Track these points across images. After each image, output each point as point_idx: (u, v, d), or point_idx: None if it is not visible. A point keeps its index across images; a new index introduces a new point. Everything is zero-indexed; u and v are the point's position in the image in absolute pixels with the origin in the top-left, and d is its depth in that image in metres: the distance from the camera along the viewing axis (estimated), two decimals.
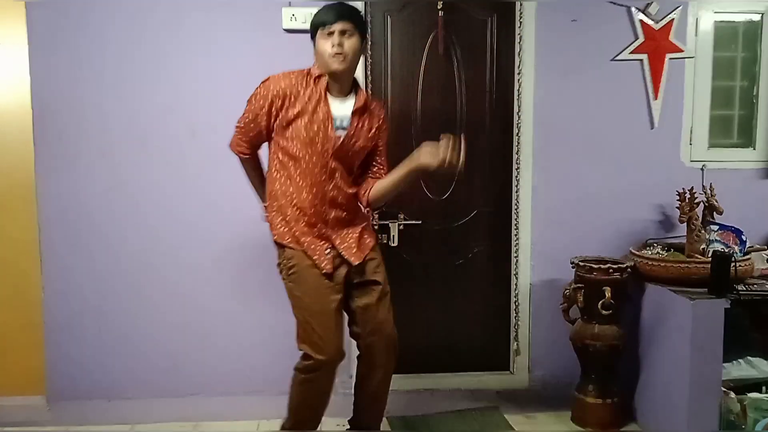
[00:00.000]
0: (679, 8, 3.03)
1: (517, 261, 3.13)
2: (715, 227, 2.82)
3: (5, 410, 2.91)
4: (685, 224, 2.80)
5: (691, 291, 2.58)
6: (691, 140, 3.12)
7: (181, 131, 2.89)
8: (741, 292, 2.55)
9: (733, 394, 2.58)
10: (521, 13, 3.01)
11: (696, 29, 3.07)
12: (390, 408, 3.01)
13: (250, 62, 2.82)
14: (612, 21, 3.02)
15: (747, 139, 3.21)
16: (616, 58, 3.04)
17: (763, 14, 3.14)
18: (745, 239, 2.76)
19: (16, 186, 2.89)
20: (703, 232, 2.79)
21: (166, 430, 2.84)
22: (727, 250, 2.71)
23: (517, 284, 3.14)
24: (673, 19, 3.03)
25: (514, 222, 3.12)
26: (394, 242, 3.08)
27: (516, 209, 3.11)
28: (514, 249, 3.13)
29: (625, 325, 2.84)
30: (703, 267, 2.61)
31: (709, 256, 2.64)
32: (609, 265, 2.76)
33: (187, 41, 2.85)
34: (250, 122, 2.28)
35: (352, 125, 2.26)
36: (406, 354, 3.14)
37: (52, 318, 2.92)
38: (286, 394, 2.61)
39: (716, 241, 2.79)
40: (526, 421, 2.97)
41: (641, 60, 3.04)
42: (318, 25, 2.22)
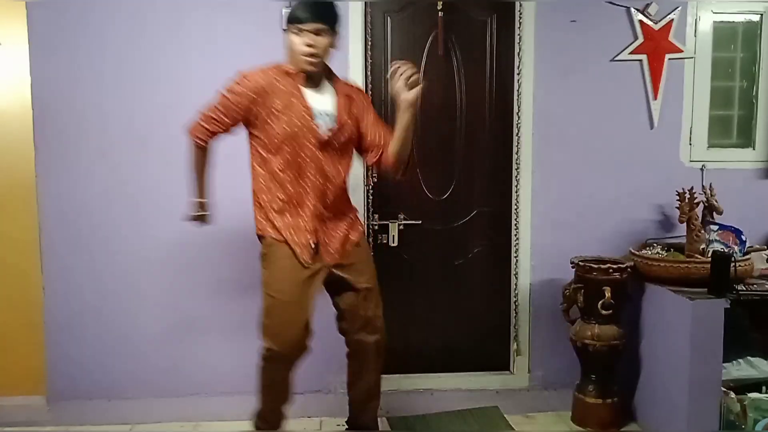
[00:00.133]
0: (679, 9, 3.04)
1: (517, 261, 3.13)
2: (715, 227, 2.82)
3: (5, 410, 2.91)
4: (685, 224, 2.80)
5: (691, 291, 2.58)
6: (690, 140, 3.13)
7: (181, 131, 2.89)
8: (741, 292, 2.55)
9: (733, 394, 2.58)
10: (521, 13, 3.02)
11: (695, 29, 3.08)
12: (390, 408, 3.02)
13: (250, 62, 2.80)
14: (611, 21, 3.03)
15: (746, 139, 3.22)
16: (616, 59, 3.05)
17: (762, 14, 3.15)
18: (744, 239, 2.76)
19: (16, 186, 2.90)
20: (702, 232, 2.79)
21: (166, 430, 2.84)
22: (726, 250, 2.71)
23: (517, 284, 3.14)
24: (673, 19, 3.03)
25: (514, 222, 3.12)
26: (394, 242, 3.09)
27: (516, 209, 3.11)
28: (514, 249, 3.14)
29: (625, 325, 2.84)
30: (703, 267, 2.61)
31: (709, 256, 2.64)
32: (609, 265, 2.76)
33: (187, 41, 2.85)
34: (224, 115, 2.26)
35: (340, 116, 2.26)
36: (406, 354, 3.17)
37: (52, 318, 2.92)
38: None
39: (716, 241, 2.79)
40: (526, 421, 2.97)
41: (641, 60, 3.05)
42: (293, 20, 2.21)
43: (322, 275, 2.30)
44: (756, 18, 3.16)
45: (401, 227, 3.10)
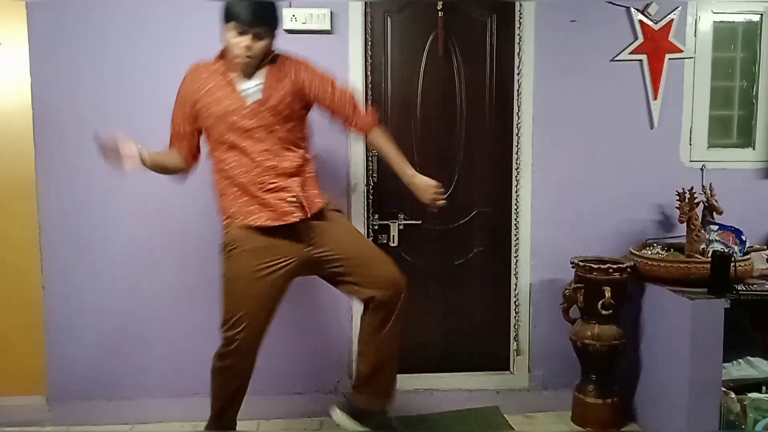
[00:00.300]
0: (679, 9, 3.03)
1: (517, 261, 3.13)
2: (715, 227, 2.82)
3: (5, 410, 2.91)
4: (685, 224, 2.81)
5: (691, 291, 2.59)
6: (690, 140, 3.12)
7: None
8: (741, 292, 2.55)
9: (733, 394, 2.58)
10: (521, 13, 3.02)
11: (695, 29, 3.08)
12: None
13: None
14: (611, 21, 3.03)
15: (746, 139, 3.22)
16: (616, 59, 3.05)
17: (762, 14, 3.15)
18: (744, 239, 2.77)
19: (16, 186, 2.90)
20: (702, 232, 2.79)
21: (166, 430, 2.84)
22: (726, 250, 2.71)
23: (517, 284, 3.14)
24: (673, 19, 3.03)
25: (514, 222, 3.12)
26: (394, 242, 3.09)
27: (516, 209, 3.11)
28: (514, 249, 3.14)
29: (625, 325, 2.84)
30: (703, 267, 2.61)
31: (709, 256, 2.64)
32: (609, 265, 2.76)
33: (187, 41, 2.85)
34: (179, 127, 2.36)
35: (264, 86, 2.24)
36: (406, 354, 3.15)
37: (52, 318, 2.92)
38: (286, 395, 2.62)
39: (716, 241, 2.79)
40: (526, 421, 2.97)
41: (641, 60, 3.05)
42: (234, 17, 2.17)
43: (291, 265, 2.26)
44: (756, 18, 3.16)
45: (401, 227, 3.10)
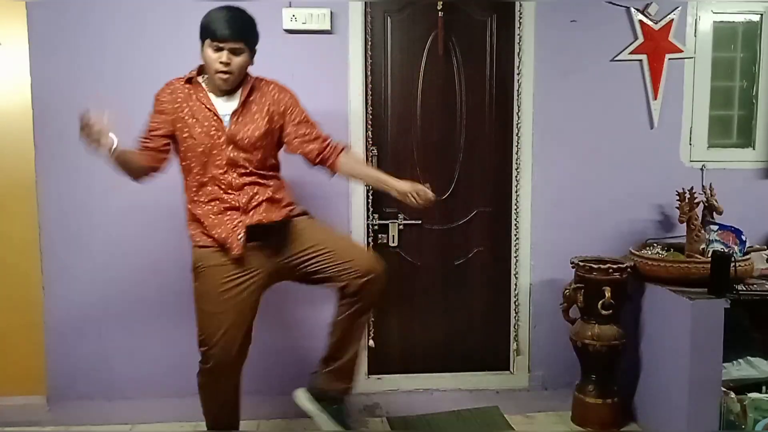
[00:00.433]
0: (679, 9, 3.04)
1: (517, 261, 3.13)
2: (715, 227, 2.82)
3: (5, 410, 2.90)
4: (685, 224, 2.80)
5: (691, 291, 2.58)
6: (690, 140, 3.12)
7: None
8: (741, 292, 2.55)
9: (733, 394, 2.58)
10: (521, 13, 3.02)
11: (695, 30, 3.08)
12: (390, 408, 3.02)
13: None
14: (611, 21, 3.03)
15: (746, 139, 3.22)
16: (616, 59, 3.05)
17: (762, 14, 3.15)
18: (744, 239, 2.76)
19: (16, 186, 2.89)
20: (702, 232, 2.79)
21: (166, 430, 2.84)
22: (726, 250, 2.71)
23: (517, 284, 3.14)
24: (673, 19, 3.03)
25: (514, 222, 3.12)
26: (394, 242, 3.09)
27: (516, 209, 3.11)
28: (514, 249, 3.14)
29: (625, 325, 2.84)
30: (703, 267, 2.61)
31: (709, 256, 2.64)
32: (609, 265, 2.76)
33: (188, 41, 2.83)
34: (150, 139, 2.30)
35: (235, 113, 2.22)
36: (406, 354, 3.17)
37: (52, 318, 2.92)
38: (287, 395, 2.61)
39: (716, 241, 2.79)
40: (526, 421, 2.97)
41: (641, 60, 3.05)
42: (208, 33, 2.17)
43: (259, 277, 2.26)
44: (756, 18, 3.16)
45: (401, 227, 3.10)
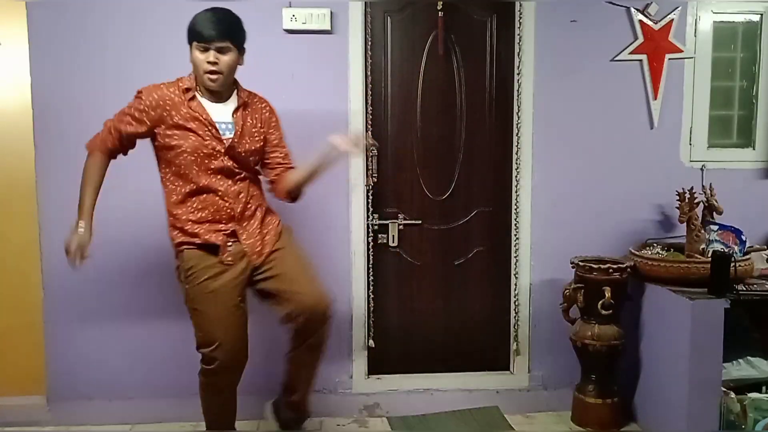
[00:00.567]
0: (679, 9, 3.03)
1: (517, 261, 3.13)
2: (715, 227, 2.82)
3: (5, 410, 2.91)
4: (685, 224, 2.81)
5: (691, 291, 2.59)
6: (690, 140, 3.12)
7: None
8: (741, 292, 2.55)
9: (733, 394, 2.58)
10: (521, 13, 3.02)
11: (695, 29, 3.08)
12: (390, 408, 3.02)
13: (250, 62, 2.81)
14: (611, 21, 3.03)
15: (746, 139, 3.21)
16: (616, 59, 3.04)
17: (762, 14, 3.15)
18: (744, 239, 2.76)
19: (16, 186, 2.90)
20: (702, 232, 2.79)
21: (166, 430, 2.84)
22: (726, 250, 2.71)
23: (517, 284, 3.14)
24: (673, 19, 3.03)
25: (514, 222, 3.12)
26: (394, 242, 3.09)
27: (516, 209, 3.11)
28: (514, 249, 3.14)
29: (625, 325, 2.84)
30: (703, 267, 2.61)
31: (709, 256, 2.64)
32: (609, 265, 2.76)
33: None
34: (122, 131, 2.26)
35: (237, 125, 2.24)
36: (406, 354, 3.17)
37: (52, 318, 2.91)
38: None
39: (716, 241, 2.79)
40: (526, 421, 2.97)
41: (641, 60, 3.05)
42: (194, 36, 2.17)
43: (244, 273, 2.27)
44: (756, 18, 3.16)
45: (401, 227, 3.10)
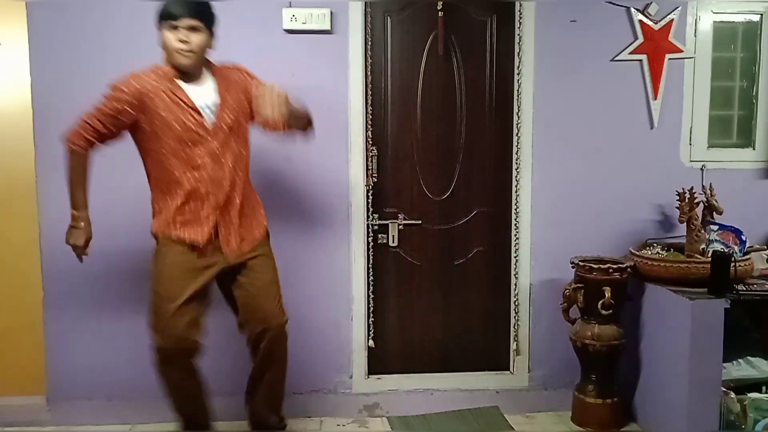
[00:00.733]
0: (679, 9, 3.03)
1: (517, 261, 3.13)
2: (715, 227, 2.82)
3: (5, 410, 2.91)
4: (685, 224, 2.81)
5: (691, 291, 2.59)
6: (690, 140, 3.12)
7: None
8: (741, 292, 2.55)
9: (733, 394, 2.58)
10: (521, 13, 3.02)
11: (695, 30, 3.08)
12: (390, 408, 3.02)
13: (250, 62, 2.81)
14: (611, 21, 3.03)
15: (746, 139, 3.21)
16: (616, 59, 3.04)
17: (762, 14, 3.15)
18: (744, 239, 2.76)
19: (16, 186, 2.90)
20: (702, 232, 2.79)
21: (166, 430, 2.84)
22: (727, 250, 2.71)
23: (517, 284, 3.14)
24: (673, 19, 3.03)
25: (514, 222, 3.12)
26: (394, 242, 3.09)
27: (516, 209, 3.11)
28: (514, 249, 3.14)
29: (625, 325, 2.84)
30: (703, 267, 2.61)
31: (709, 256, 2.64)
32: (609, 265, 2.76)
33: None
34: (101, 124, 2.26)
35: (220, 106, 2.24)
36: (406, 354, 3.17)
37: (52, 318, 2.91)
38: (286, 395, 2.61)
39: (716, 241, 2.79)
40: (526, 421, 2.97)
41: (641, 60, 3.05)
42: (164, 17, 2.19)
43: (215, 270, 2.30)
44: (756, 18, 3.16)
45: (401, 227, 3.10)
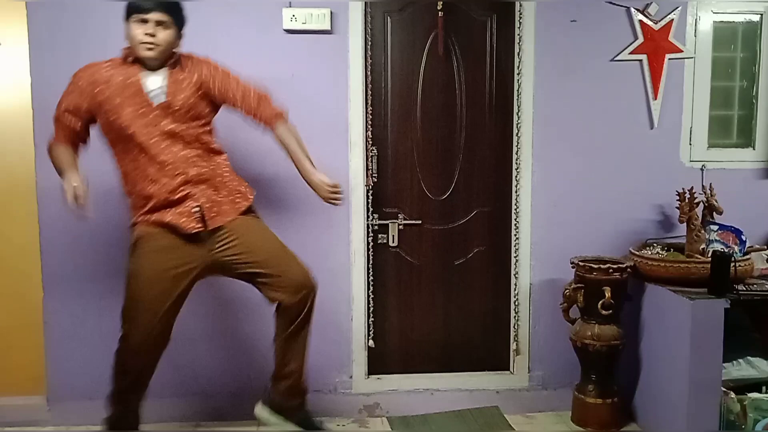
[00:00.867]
0: (679, 9, 3.03)
1: (517, 261, 3.13)
2: (715, 227, 2.82)
3: (5, 410, 2.91)
4: (685, 224, 2.81)
5: (691, 291, 2.59)
6: (690, 140, 3.12)
7: None
8: (741, 292, 2.55)
9: (733, 394, 2.58)
10: (521, 13, 3.02)
11: (695, 29, 3.08)
12: (390, 408, 3.02)
13: (250, 62, 2.81)
14: (611, 21, 3.03)
15: (746, 139, 3.21)
16: (616, 59, 3.04)
17: (762, 14, 3.15)
18: (744, 239, 2.76)
19: (16, 186, 2.90)
20: (702, 232, 2.79)
21: (166, 430, 2.84)
22: (727, 250, 2.71)
23: (517, 284, 3.14)
24: (673, 19, 3.03)
25: (514, 222, 3.12)
26: (393, 242, 3.09)
27: (516, 209, 3.11)
28: (514, 249, 3.14)
29: (625, 325, 2.84)
30: (703, 267, 2.61)
31: (709, 256, 2.64)
32: (609, 265, 2.76)
33: (188, 42, 2.83)
34: (71, 116, 2.29)
35: (168, 82, 2.25)
36: (406, 354, 3.17)
37: (52, 318, 2.91)
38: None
39: (716, 241, 2.79)
40: (526, 421, 2.97)
41: (641, 60, 3.05)
42: (132, 10, 2.20)
43: (196, 270, 2.30)
44: (756, 18, 3.16)
45: (401, 227, 3.10)
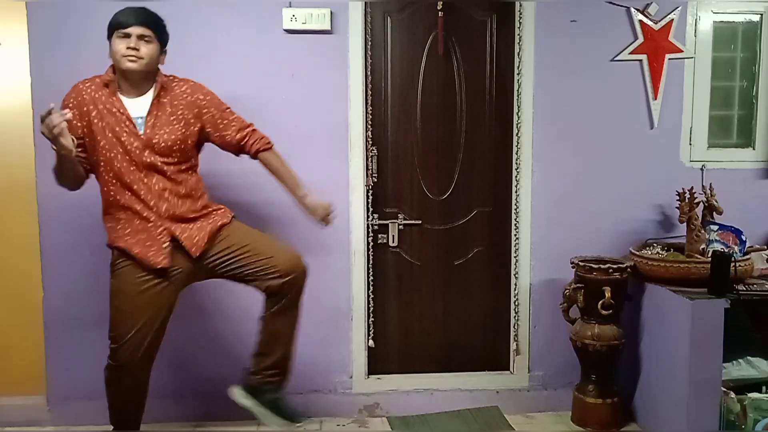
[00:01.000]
0: (679, 9, 3.03)
1: (517, 261, 3.13)
2: (715, 227, 2.82)
3: (5, 410, 2.91)
4: (685, 224, 2.81)
5: (691, 291, 2.59)
6: (690, 140, 3.12)
7: None
8: (741, 292, 2.55)
9: (733, 394, 2.58)
10: (521, 13, 3.02)
11: (695, 29, 3.08)
12: (390, 408, 3.02)
13: (251, 62, 2.82)
14: (611, 21, 3.03)
15: (746, 139, 3.22)
16: (616, 59, 3.04)
17: (762, 14, 3.15)
18: (744, 239, 2.76)
19: (16, 186, 2.90)
20: (702, 232, 2.80)
21: (166, 430, 2.84)
22: (726, 250, 2.71)
23: (517, 284, 3.14)
24: (673, 19, 3.03)
25: (514, 222, 3.12)
26: (393, 242, 3.09)
27: (516, 209, 3.11)
28: (514, 249, 3.14)
29: (625, 325, 2.85)
30: (703, 267, 2.61)
31: (709, 256, 2.64)
32: (609, 265, 2.76)
33: (188, 42, 2.85)
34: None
35: (150, 115, 2.21)
36: (406, 354, 3.17)
37: (52, 318, 2.91)
38: (288, 395, 2.61)
39: (716, 241, 2.79)
40: (526, 421, 2.97)
41: (641, 60, 3.05)
42: (115, 26, 2.19)
43: (182, 277, 2.28)
44: (756, 18, 3.16)
45: (401, 227, 3.10)
